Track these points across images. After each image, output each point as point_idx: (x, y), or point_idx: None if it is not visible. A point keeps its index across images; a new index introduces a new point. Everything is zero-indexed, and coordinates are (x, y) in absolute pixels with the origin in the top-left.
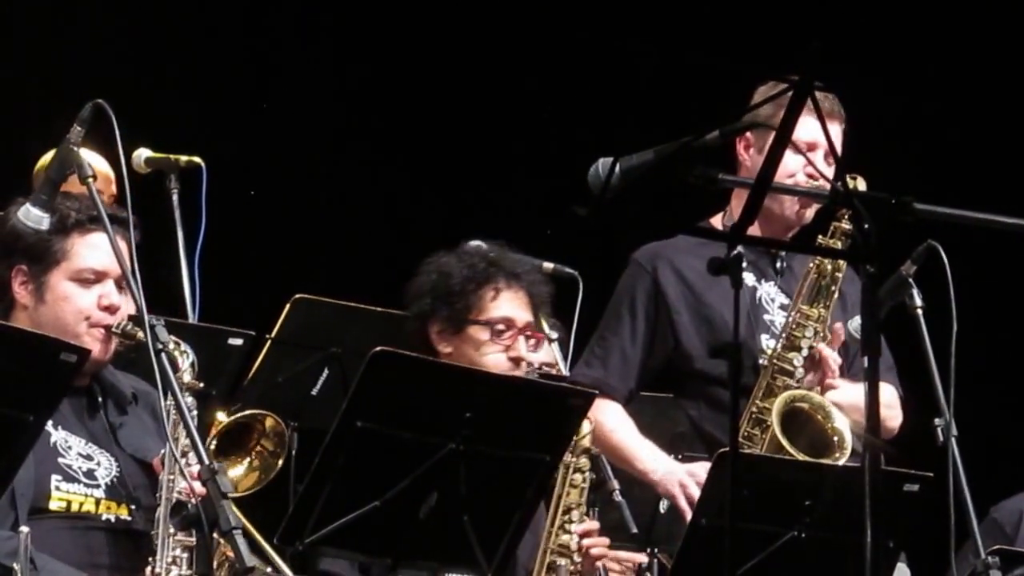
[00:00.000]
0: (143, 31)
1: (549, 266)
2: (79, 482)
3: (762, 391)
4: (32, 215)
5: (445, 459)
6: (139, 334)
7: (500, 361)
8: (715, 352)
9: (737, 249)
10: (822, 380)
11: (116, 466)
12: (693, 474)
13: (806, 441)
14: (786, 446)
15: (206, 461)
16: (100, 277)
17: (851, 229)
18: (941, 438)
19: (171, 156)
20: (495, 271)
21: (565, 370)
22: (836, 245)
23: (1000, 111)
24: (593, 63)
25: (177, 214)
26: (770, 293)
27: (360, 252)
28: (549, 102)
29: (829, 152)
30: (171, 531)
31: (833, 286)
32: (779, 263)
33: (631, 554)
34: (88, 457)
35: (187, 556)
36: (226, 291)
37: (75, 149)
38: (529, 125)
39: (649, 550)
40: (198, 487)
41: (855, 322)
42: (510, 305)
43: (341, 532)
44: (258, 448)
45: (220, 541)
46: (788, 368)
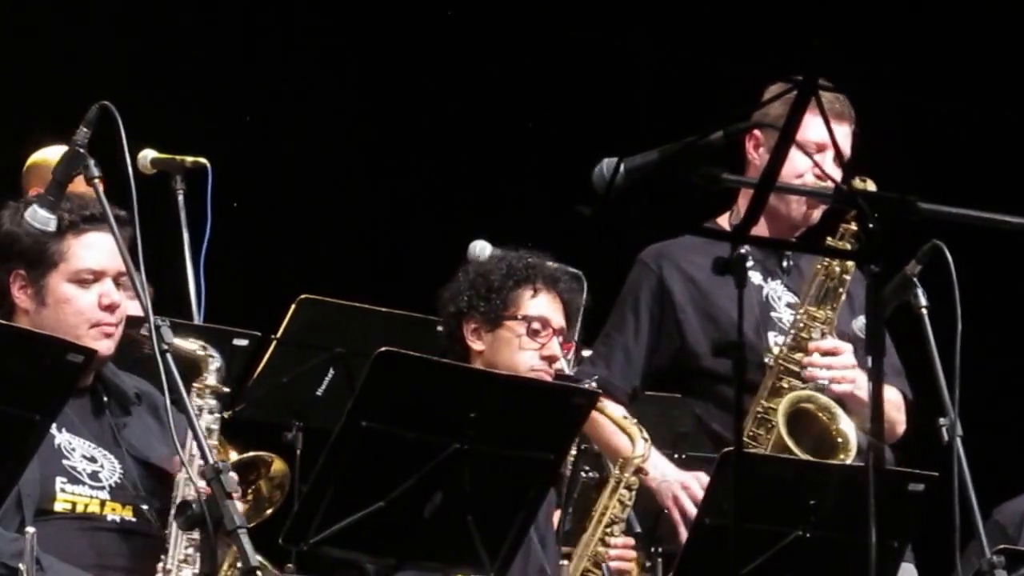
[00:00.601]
0: (149, 32)
1: (553, 265)
2: (83, 484)
3: (768, 391)
4: (39, 216)
5: (450, 459)
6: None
7: (533, 359)
8: (719, 351)
9: (741, 249)
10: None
11: (120, 467)
12: (687, 486)
13: (811, 442)
14: (791, 447)
15: (211, 460)
16: (98, 276)
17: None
18: (946, 438)
19: (177, 157)
20: (534, 272)
21: (568, 370)
22: (845, 247)
23: (1006, 110)
24: (597, 62)
25: (183, 215)
26: (777, 291)
27: (365, 252)
28: (553, 102)
29: (836, 154)
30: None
31: (840, 288)
32: (786, 262)
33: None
34: (92, 459)
35: (199, 555)
36: (231, 292)
37: (81, 150)
38: (534, 125)
39: (653, 549)
40: (203, 485)
41: (860, 321)
42: (547, 306)
43: (346, 532)
44: (256, 486)
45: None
46: (794, 368)
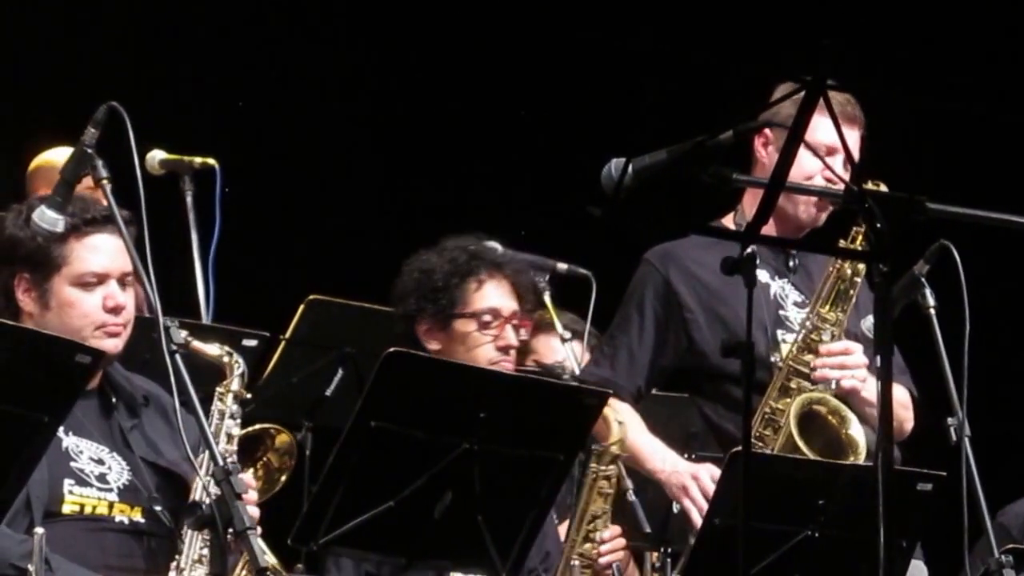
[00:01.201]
0: (157, 32)
1: (563, 266)
2: (91, 486)
3: (776, 391)
4: (47, 217)
5: (459, 459)
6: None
7: (490, 352)
8: (727, 351)
9: (750, 248)
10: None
11: (128, 470)
12: (697, 477)
13: (820, 445)
14: (802, 448)
15: (220, 462)
16: (102, 279)
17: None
18: (954, 437)
19: (185, 158)
20: (477, 263)
21: (578, 370)
22: (855, 248)
23: (1014, 110)
24: (606, 63)
25: (191, 216)
26: (784, 289)
27: (373, 253)
28: (562, 103)
29: (845, 156)
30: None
31: (851, 290)
32: (792, 261)
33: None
34: (99, 461)
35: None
36: (240, 292)
37: (89, 151)
38: (542, 126)
39: (662, 549)
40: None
41: (868, 321)
42: (495, 295)
43: (355, 532)
44: (264, 460)
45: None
46: (803, 370)
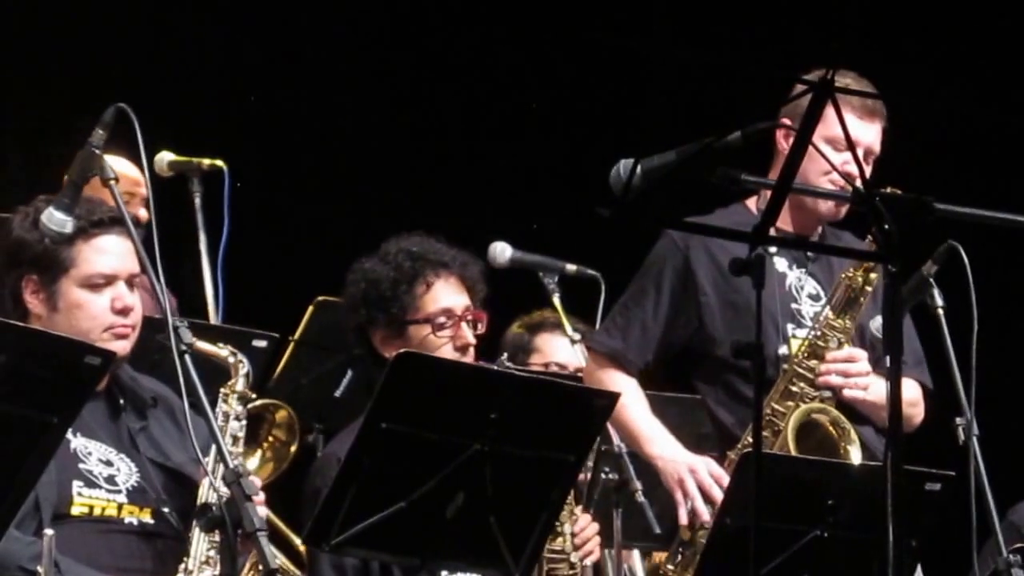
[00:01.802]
0: (165, 34)
1: (571, 267)
2: (100, 487)
3: (779, 393)
4: (55, 219)
5: (471, 460)
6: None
7: (448, 353)
8: (738, 352)
9: (759, 249)
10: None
11: (136, 471)
12: (694, 470)
13: (815, 454)
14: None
15: (230, 464)
16: (110, 280)
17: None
18: (962, 437)
19: (193, 159)
20: (421, 265)
21: (582, 361)
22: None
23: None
24: (614, 64)
25: (200, 217)
26: (801, 280)
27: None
28: (570, 103)
29: (867, 153)
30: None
31: (862, 298)
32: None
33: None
34: (108, 463)
35: (220, 557)
36: (249, 293)
37: (97, 152)
38: (551, 127)
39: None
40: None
41: (877, 321)
42: (445, 294)
43: (368, 533)
44: (270, 439)
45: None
46: (807, 375)
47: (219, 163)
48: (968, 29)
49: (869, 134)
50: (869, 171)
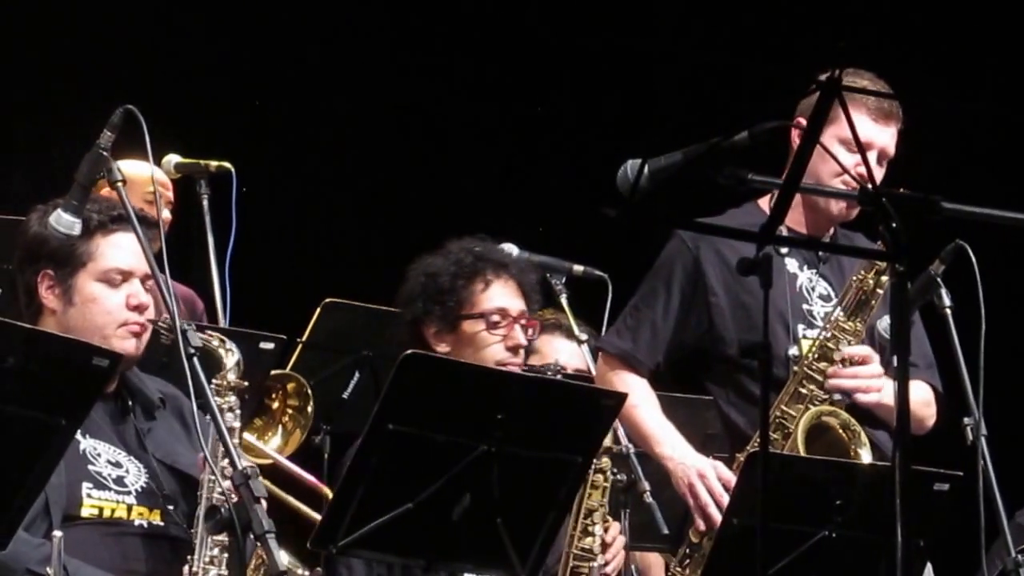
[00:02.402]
0: (173, 36)
1: (579, 268)
2: (109, 489)
3: (788, 396)
4: (64, 221)
5: (477, 461)
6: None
7: (499, 352)
8: (746, 352)
9: (767, 249)
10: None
11: (145, 472)
12: (704, 475)
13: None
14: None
15: (240, 465)
16: (126, 276)
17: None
18: (970, 437)
19: (201, 162)
20: (482, 264)
21: (591, 363)
22: (881, 263)
23: None
24: (622, 64)
25: (207, 219)
26: (812, 281)
27: (389, 256)
28: (578, 104)
29: (881, 155)
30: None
31: (872, 301)
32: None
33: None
34: (117, 464)
35: (225, 556)
36: (257, 295)
37: (105, 154)
38: (558, 128)
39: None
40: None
41: (885, 321)
42: (501, 295)
43: (375, 535)
44: (287, 411)
45: (257, 544)
46: (817, 377)
47: (226, 165)
48: (977, 27)
49: (884, 136)
50: (882, 173)
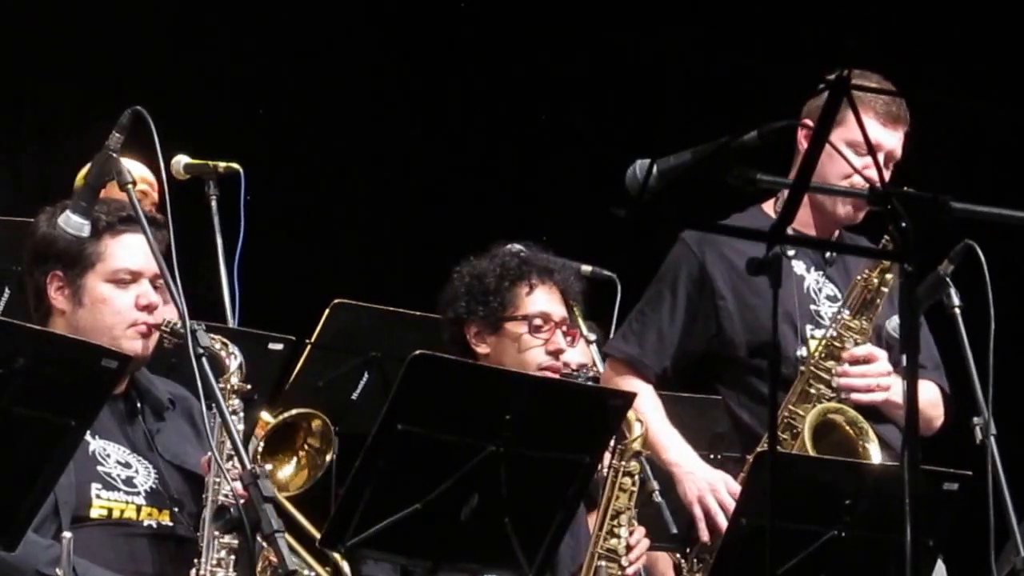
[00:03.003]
0: (181, 37)
1: (587, 268)
2: (119, 490)
3: (796, 395)
4: (73, 222)
5: (486, 461)
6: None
7: (540, 356)
8: (755, 351)
9: (776, 248)
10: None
11: (155, 473)
12: (714, 488)
13: (834, 455)
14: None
15: (248, 465)
16: (136, 277)
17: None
18: (980, 437)
19: (209, 162)
20: (528, 268)
21: (600, 363)
22: (886, 262)
23: None
24: (630, 63)
25: (216, 220)
26: (819, 282)
27: (399, 257)
28: (586, 103)
29: (888, 157)
30: (216, 534)
31: (878, 299)
32: (829, 253)
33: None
34: (126, 465)
35: (232, 559)
36: (265, 296)
37: (114, 155)
38: (566, 128)
39: (688, 550)
40: (241, 489)
41: (893, 321)
42: (545, 300)
43: (383, 534)
44: (305, 447)
45: (264, 545)
46: (824, 376)
47: (235, 166)
48: (986, 25)
49: (891, 139)
50: (888, 175)
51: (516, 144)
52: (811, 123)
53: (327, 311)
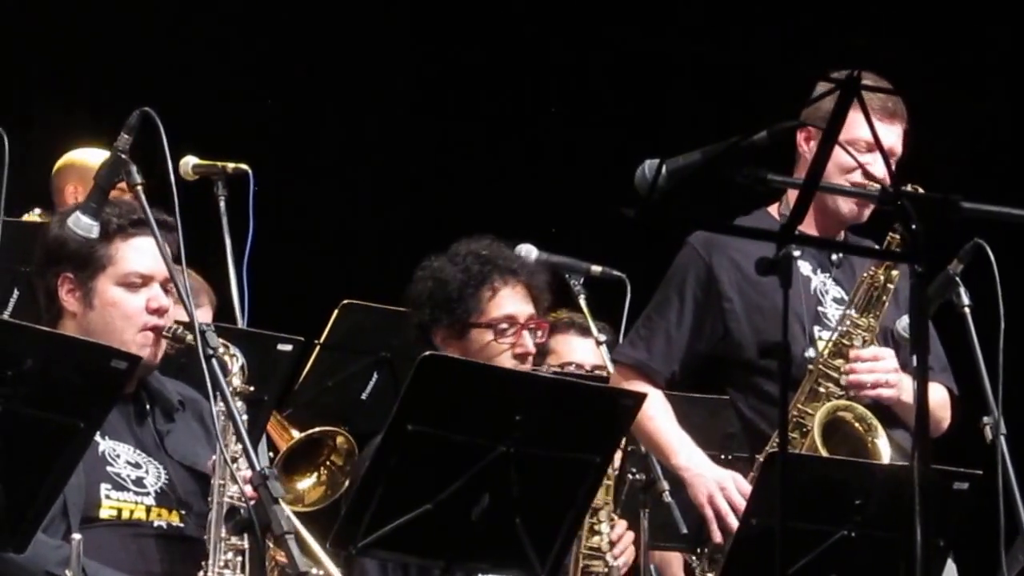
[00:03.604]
0: (190, 38)
1: (597, 269)
2: (128, 490)
3: (805, 395)
4: (82, 223)
5: (496, 461)
6: (188, 337)
7: (507, 360)
8: (764, 352)
9: (786, 248)
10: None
11: (165, 473)
12: (723, 487)
13: (844, 453)
14: (824, 454)
15: (258, 466)
16: (147, 280)
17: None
18: (990, 436)
19: (218, 163)
20: (490, 269)
21: (607, 359)
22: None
23: None
24: (639, 63)
25: (225, 221)
26: (825, 284)
27: (408, 257)
28: (595, 103)
29: (888, 154)
30: (223, 536)
31: (884, 296)
32: (835, 255)
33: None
34: (136, 465)
35: (239, 560)
36: (274, 297)
37: (123, 156)
38: (576, 127)
39: (699, 550)
40: (249, 491)
41: (903, 321)
42: (510, 301)
43: (393, 535)
44: (327, 463)
45: (271, 546)
46: (833, 375)
47: (244, 167)
48: (995, 24)
49: (890, 136)
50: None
51: (526, 145)
52: (811, 126)
53: (336, 311)
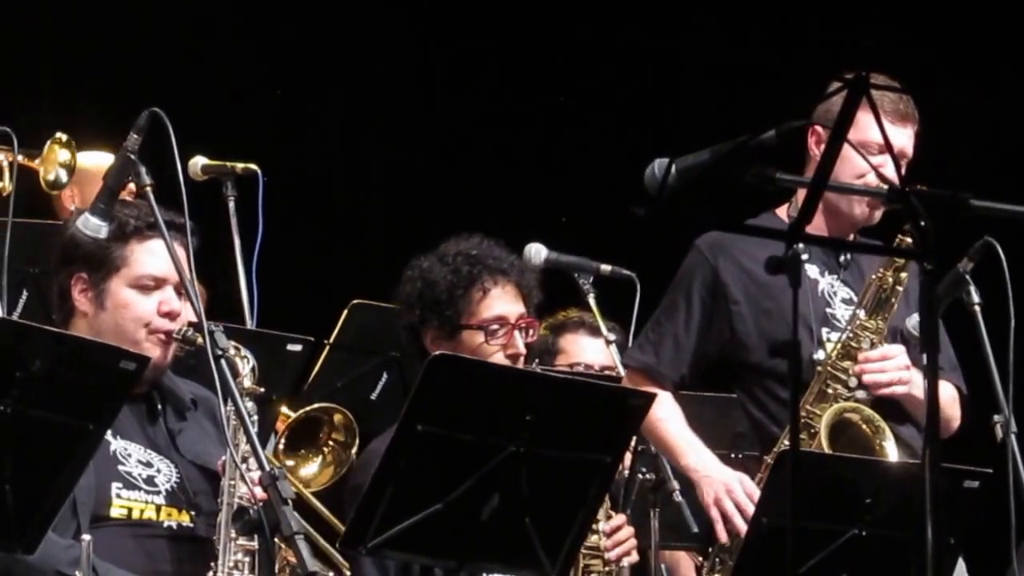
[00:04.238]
0: (199, 38)
1: (607, 268)
2: (139, 489)
3: (813, 396)
4: (91, 224)
5: (506, 461)
6: (199, 339)
7: (498, 360)
8: (774, 351)
9: (795, 247)
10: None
11: (176, 473)
12: (731, 489)
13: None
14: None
15: (267, 467)
16: (160, 283)
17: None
18: (1000, 434)
19: (227, 163)
20: (479, 270)
21: (618, 359)
22: (900, 260)
23: None
24: (649, 62)
25: (234, 221)
26: (833, 286)
27: (417, 256)
28: (605, 103)
29: (899, 156)
30: (233, 536)
31: (892, 298)
32: (843, 257)
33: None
34: (148, 464)
35: (248, 561)
36: (284, 297)
37: (132, 157)
38: (586, 127)
39: (710, 549)
40: (259, 492)
41: (914, 319)
42: (500, 302)
43: (403, 535)
44: (329, 443)
45: (281, 546)
46: (841, 376)
47: (253, 167)
48: (1005, 22)
49: (901, 138)
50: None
51: (535, 143)
52: (820, 127)
53: (346, 311)
